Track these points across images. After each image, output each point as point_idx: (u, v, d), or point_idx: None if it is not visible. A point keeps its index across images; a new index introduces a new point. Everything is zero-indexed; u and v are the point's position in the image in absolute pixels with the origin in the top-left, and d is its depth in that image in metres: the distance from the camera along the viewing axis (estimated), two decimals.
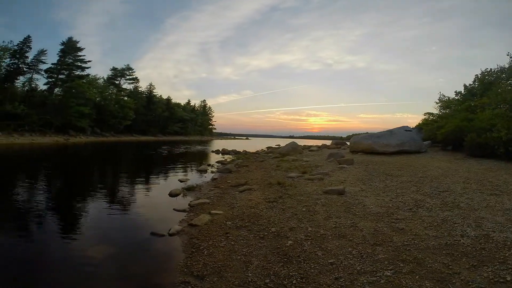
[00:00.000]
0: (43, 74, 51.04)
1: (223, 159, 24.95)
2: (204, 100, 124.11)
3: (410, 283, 3.61)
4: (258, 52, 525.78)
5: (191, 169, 18.60)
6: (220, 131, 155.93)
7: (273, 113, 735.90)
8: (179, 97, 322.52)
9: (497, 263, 3.90)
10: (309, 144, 39.92)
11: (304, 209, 6.97)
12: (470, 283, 3.52)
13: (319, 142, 50.40)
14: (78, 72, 56.05)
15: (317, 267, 4.24)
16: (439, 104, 30.63)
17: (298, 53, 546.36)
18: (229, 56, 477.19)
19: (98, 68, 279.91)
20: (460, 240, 4.68)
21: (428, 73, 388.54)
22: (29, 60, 47.44)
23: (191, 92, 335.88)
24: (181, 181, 13.16)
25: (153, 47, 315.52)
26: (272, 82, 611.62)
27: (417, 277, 3.73)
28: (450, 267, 3.91)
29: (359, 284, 3.71)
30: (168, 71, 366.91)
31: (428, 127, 25.08)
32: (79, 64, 56.21)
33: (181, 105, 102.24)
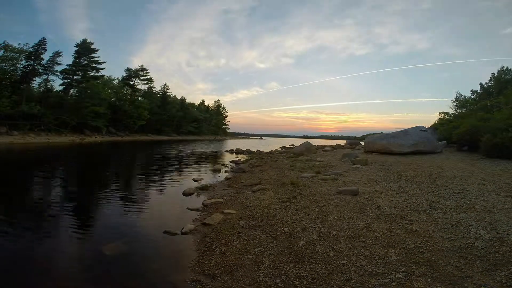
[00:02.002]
0: (58, 75, 51.74)
1: (237, 158, 25.00)
2: (218, 100, 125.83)
3: (422, 286, 3.59)
4: (295, 26, 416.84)
5: (205, 168, 18.70)
6: (234, 131, 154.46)
7: (299, 111, 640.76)
8: (193, 92, 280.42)
9: (511, 267, 3.85)
10: (323, 144, 39.65)
11: (317, 210, 6.97)
12: (482, 287, 3.49)
13: (334, 142, 50.12)
14: (93, 73, 56.79)
15: (328, 268, 4.25)
16: (455, 104, 30.26)
17: (346, 29, 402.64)
18: (257, 33, 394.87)
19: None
20: (474, 243, 4.63)
21: (489, 62, 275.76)
22: (44, 61, 48.17)
23: (207, 86, 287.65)
24: (195, 180, 13.27)
25: (158, 21, 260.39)
26: (306, 72, 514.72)
27: (429, 280, 3.71)
28: (463, 270, 3.87)
29: (370, 286, 3.71)
30: (179, 56, 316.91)
31: (443, 127, 24.79)
32: (94, 65, 56.92)
33: (195, 105, 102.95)
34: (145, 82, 73.75)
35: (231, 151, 35.49)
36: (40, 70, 47.98)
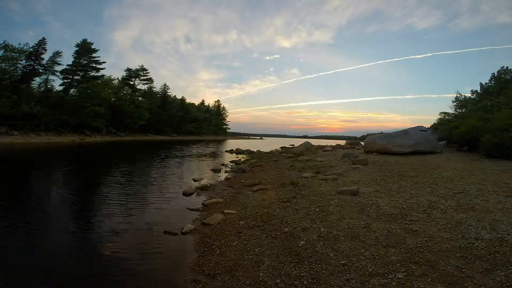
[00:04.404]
0: (58, 75, 51.82)
1: (237, 158, 25.03)
2: (218, 100, 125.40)
3: (422, 286, 3.59)
4: None
5: (205, 168, 18.68)
6: (235, 131, 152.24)
7: (313, 109, 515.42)
8: (194, 83, 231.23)
9: (511, 267, 3.85)
10: (323, 144, 39.66)
11: (317, 210, 6.97)
12: (482, 287, 3.48)
13: (334, 142, 50.13)
14: (93, 73, 56.90)
15: (328, 268, 4.25)
16: (455, 103, 30.28)
17: None
18: None
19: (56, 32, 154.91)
20: (474, 243, 4.62)
21: None
22: (44, 61, 48.17)
23: (211, 75, 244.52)
24: (195, 180, 13.27)
25: None
26: (340, 53, 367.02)
27: (429, 280, 3.71)
28: (463, 270, 3.87)
29: (370, 286, 3.71)
30: (174, 28, 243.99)
31: (443, 127, 24.80)
32: (94, 65, 57.04)
33: (196, 105, 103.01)
34: (145, 82, 73.92)
35: (231, 151, 35.47)
36: (40, 70, 47.98)
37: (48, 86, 50.63)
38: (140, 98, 69.70)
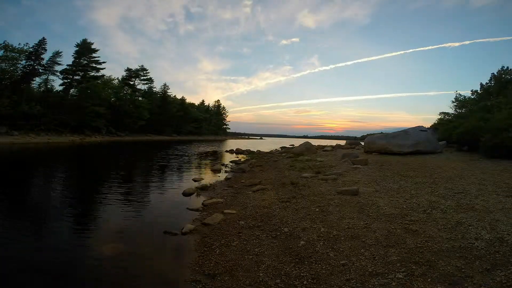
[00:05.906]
0: (58, 75, 51.95)
1: (237, 158, 25.03)
2: (218, 100, 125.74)
3: (422, 286, 3.58)
4: None
5: (205, 168, 18.70)
6: (235, 131, 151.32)
7: (332, 109, 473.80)
8: (195, 75, 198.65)
9: (511, 267, 3.85)
10: (323, 144, 39.59)
11: (317, 210, 6.97)
12: (482, 287, 3.48)
13: (334, 142, 50.07)
14: (93, 73, 57.04)
15: (328, 268, 4.24)
16: (455, 104, 30.25)
17: None
18: None
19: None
20: (474, 243, 4.62)
21: None
22: (44, 61, 48.29)
23: (214, 66, 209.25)
24: (195, 180, 13.27)
25: None
26: (374, 38, 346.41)
27: (429, 280, 3.71)
28: (463, 270, 3.87)
29: (370, 286, 3.71)
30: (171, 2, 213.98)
31: (443, 127, 24.78)
32: (94, 65, 57.17)
33: (196, 105, 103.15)
34: (145, 82, 74.00)
35: (231, 151, 35.48)
36: (40, 70, 48.08)
37: (48, 86, 50.86)
38: (140, 98, 69.83)
